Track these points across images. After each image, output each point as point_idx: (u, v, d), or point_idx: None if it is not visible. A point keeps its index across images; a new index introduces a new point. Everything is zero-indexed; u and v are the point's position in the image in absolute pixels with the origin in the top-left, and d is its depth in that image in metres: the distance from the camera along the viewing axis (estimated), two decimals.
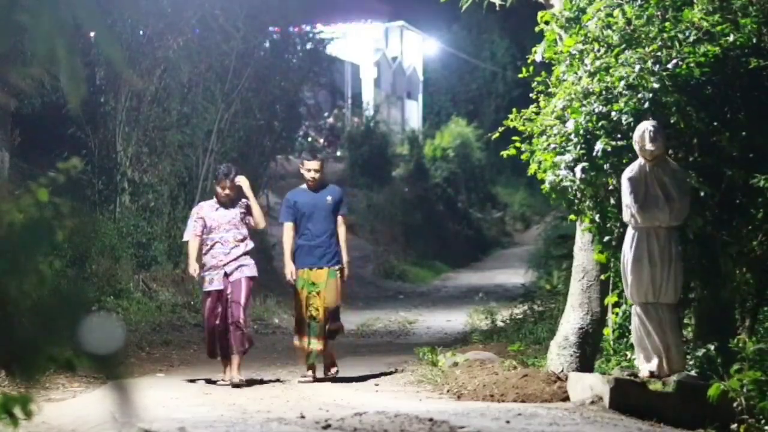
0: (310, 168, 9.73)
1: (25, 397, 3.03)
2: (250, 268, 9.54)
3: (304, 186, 9.86)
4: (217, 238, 9.53)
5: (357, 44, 33.21)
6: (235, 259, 9.51)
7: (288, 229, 9.72)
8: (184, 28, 15.91)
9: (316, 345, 9.50)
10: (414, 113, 38.97)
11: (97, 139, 15.07)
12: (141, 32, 15.50)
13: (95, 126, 15.04)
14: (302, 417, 6.83)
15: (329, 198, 9.75)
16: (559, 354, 8.72)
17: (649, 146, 7.78)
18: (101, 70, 15.09)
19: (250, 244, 9.63)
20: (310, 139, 29.51)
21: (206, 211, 9.66)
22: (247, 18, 17.57)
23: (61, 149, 13.90)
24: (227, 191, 9.57)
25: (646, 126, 7.81)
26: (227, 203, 9.62)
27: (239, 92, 17.93)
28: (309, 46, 21.22)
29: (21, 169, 13.95)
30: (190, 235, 9.66)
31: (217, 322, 9.49)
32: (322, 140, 31.26)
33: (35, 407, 3.08)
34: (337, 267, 9.69)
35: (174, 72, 16.06)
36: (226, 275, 9.46)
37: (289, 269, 9.62)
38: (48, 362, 2.73)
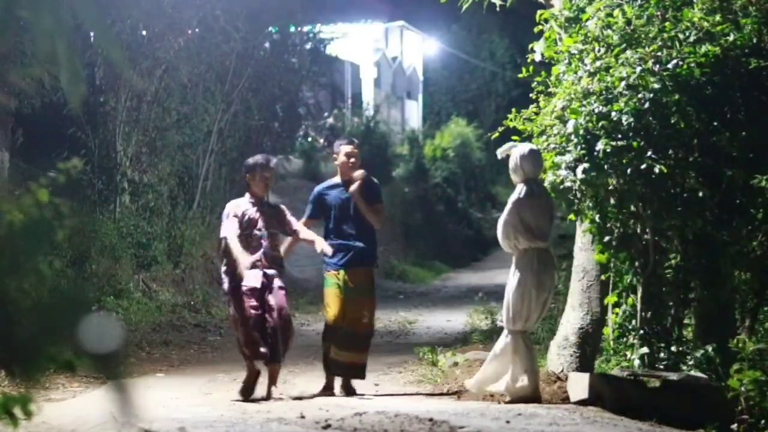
0: (348, 152, 8.82)
1: (25, 397, 3.03)
2: (282, 279, 8.68)
3: (336, 179, 8.99)
4: (258, 235, 8.55)
5: (357, 44, 33.25)
6: (273, 263, 8.60)
7: (302, 221, 8.91)
8: (185, 28, 15.91)
9: (347, 357, 8.72)
10: (414, 113, 39.01)
11: (97, 139, 15.06)
12: (141, 32, 15.50)
13: (95, 126, 15.03)
14: (302, 417, 6.83)
15: (363, 190, 8.88)
16: (559, 354, 8.72)
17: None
18: (101, 70, 15.09)
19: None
20: (310, 139, 29.52)
21: (243, 207, 8.63)
22: (247, 18, 17.58)
23: (61, 149, 13.89)
24: (269, 182, 8.70)
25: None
26: (263, 200, 8.71)
27: (239, 92, 17.95)
28: (309, 46, 21.23)
29: (21, 169, 13.95)
30: (230, 232, 8.50)
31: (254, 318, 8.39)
32: (322, 140, 31.27)
33: (35, 407, 3.08)
34: (374, 266, 8.97)
35: (174, 72, 16.06)
36: (266, 276, 8.52)
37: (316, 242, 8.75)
38: (48, 362, 2.73)
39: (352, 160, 8.85)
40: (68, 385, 9.04)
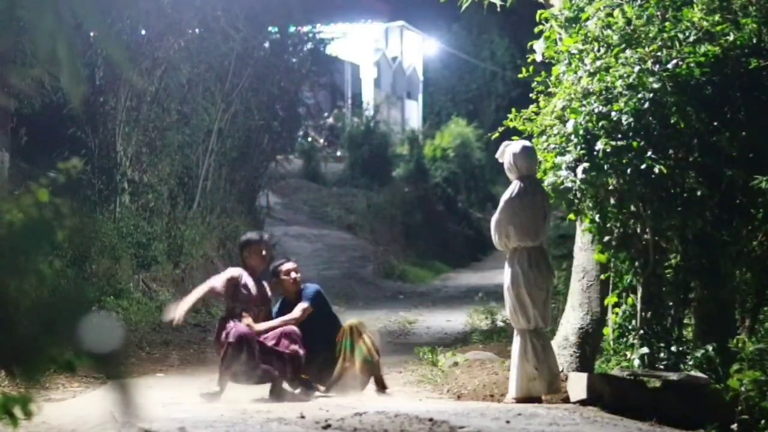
0: (289, 269, 8.89)
1: (25, 397, 3.03)
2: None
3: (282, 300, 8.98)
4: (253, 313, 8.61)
5: (357, 44, 33.26)
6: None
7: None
8: (185, 28, 15.90)
9: None
10: (414, 113, 39.02)
11: (97, 139, 15.05)
12: (141, 33, 15.49)
13: (95, 126, 15.02)
14: (302, 417, 6.83)
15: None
16: (559, 354, 8.72)
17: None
18: (101, 70, 15.08)
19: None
20: (310, 139, 29.54)
21: (243, 276, 8.67)
22: (247, 19, 17.58)
23: (61, 149, 13.88)
24: (267, 255, 8.79)
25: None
26: (259, 275, 8.76)
27: (239, 92, 17.94)
28: (309, 46, 21.23)
29: (21, 169, 13.95)
30: (214, 283, 8.66)
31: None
32: (322, 140, 31.29)
33: (35, 407, 3.07)
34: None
35: (174, 72, 16.06)
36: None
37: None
38: (48, 362, 2.73)
39: (293, 275, 8.86)
40: (68, 385, 9.04)
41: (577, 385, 7.94)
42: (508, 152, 8.19)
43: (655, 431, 7.03)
